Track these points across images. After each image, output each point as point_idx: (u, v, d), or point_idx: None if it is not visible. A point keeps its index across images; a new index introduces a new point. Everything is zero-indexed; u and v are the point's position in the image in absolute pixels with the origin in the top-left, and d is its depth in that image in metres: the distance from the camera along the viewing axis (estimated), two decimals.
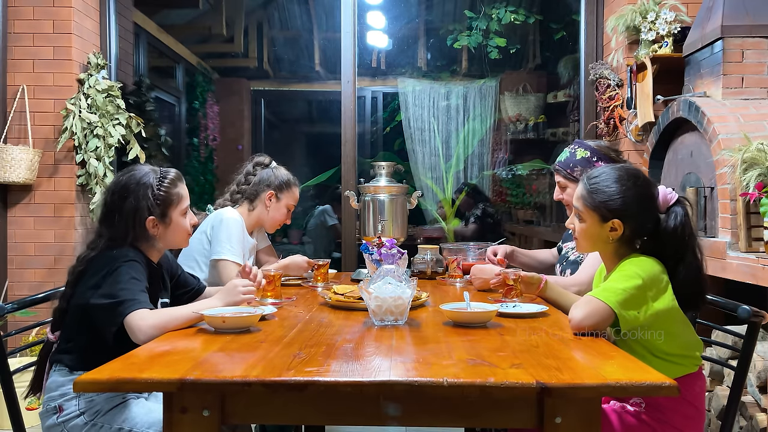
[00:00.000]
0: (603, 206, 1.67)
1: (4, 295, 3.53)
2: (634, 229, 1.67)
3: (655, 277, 1.60)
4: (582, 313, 1.56)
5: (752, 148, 2.45)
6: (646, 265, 1.61)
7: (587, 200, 1.70)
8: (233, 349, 1.42)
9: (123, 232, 1.82)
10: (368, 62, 6.32)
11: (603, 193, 1.67)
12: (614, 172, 1.70)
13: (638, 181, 1.69)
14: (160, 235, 1.88)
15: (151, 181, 1.86)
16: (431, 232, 5.79)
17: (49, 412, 1.78)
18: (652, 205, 1.67)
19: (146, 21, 5.07)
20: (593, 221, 1.69)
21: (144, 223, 1.83)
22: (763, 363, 2.31)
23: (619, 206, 1.65)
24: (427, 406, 1.26)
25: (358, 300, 1.89)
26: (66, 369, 1.80)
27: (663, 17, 3.29)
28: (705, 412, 1.72)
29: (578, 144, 2.33)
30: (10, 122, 3.53)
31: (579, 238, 1.76)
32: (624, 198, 1.65)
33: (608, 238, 1.68)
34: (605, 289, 1.60)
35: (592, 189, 1.70)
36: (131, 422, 1.75)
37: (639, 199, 1.66)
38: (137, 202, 1.83)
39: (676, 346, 1.65)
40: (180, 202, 1.91)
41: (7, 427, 1.88)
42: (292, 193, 2.65)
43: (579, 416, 1.21)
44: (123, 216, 1.83)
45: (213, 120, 6.59)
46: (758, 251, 2.47)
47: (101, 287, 1.71)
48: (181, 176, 1.95)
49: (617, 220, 1.66)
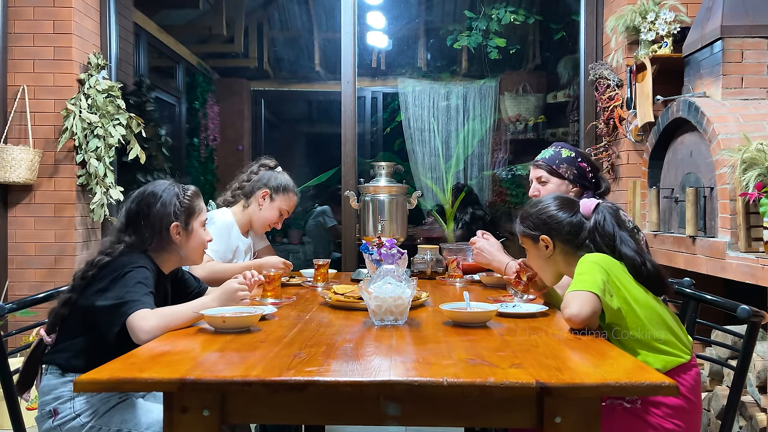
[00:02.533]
0: (528, 229, 1.85)
1: (4, 295, 3.53)
2: (562, 238, 1.80)
3: (608, 263, 1.68)
4: (576, 306, 1.57)
5: (752, 148, 2.45)
6: (595, 256, 1.71)
7: (520, 231, 1.89)
8: (233, 349, 1.42)
9: (148, 237, 1.86)
10: (368, 62, 6.32)
11: (527, 220, 1.86)
12: (531, 201, 1.94)
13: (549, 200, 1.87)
14: (181, 244, 1.91)
15: (177, 191, 1.93)
16: (431, 232, 5.79)
17: (44, 416, 1.77)
18: (566, 214, 1.81)
19: (146, 21, 5.07)
20: (530, 246, 1.87)
21: (169, 228, 1.87)
22: (763, 363, 2.31)
23: (539, 223, 1.83)
24: (427, 406, 1.26)
25: (358, 300, 1.89)
26: (58, 370, 1.78)
27: (663, 17, 3.29)
28: (701, 404, 1.72)
29: (561, 145, 2.39)
30: (10, 122, 3.53)
31: (536, 270, 1.92)
32: (540, 215, 1.83)
33: (548, 255, 1.82)
34: (578, 282, 1.63)
35: (519, 221, 1.89)
36: (131, 423, 1.75)
37: (552, 213, 1.82)
38: (164, 207, 1.88)
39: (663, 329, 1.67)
40: (200, 214, 1.97)
41: (7, 427, 1.88)
42: (287, 198, 2.65)
43: (579, 416, 1.21)
44: (150, 220, 1.87)
45: (213, 120, 6.60)
46: (758, 251, 2.47)
47: (108, 290, 1.72)
48: (200, 192, 2.02)
49: (543, 236, 1.81)
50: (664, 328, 1.67)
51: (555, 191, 2.32)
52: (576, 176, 2.31)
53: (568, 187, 2.32)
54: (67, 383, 1.77)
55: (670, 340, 1.67)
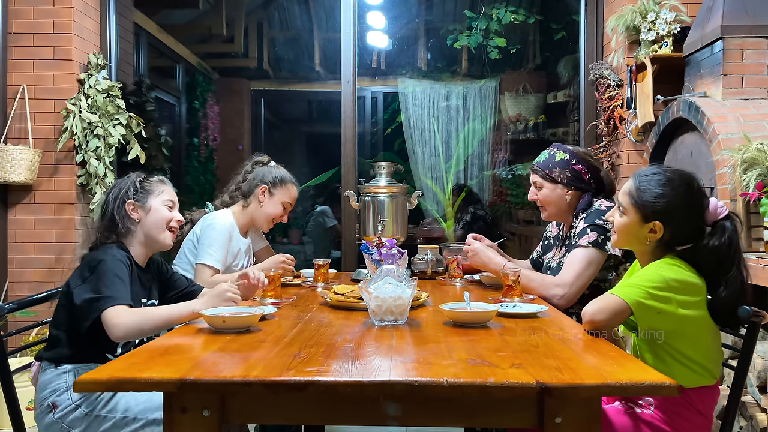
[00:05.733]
0: (648, 206, 1.63)
1: (4, 295, 3.53)
2: (673, 235, 1.63)
3: (688, 283, 1.56)
4: (595, 306, 1.56)
5: (752, 148, 2.45)
6: (676, 269, 1.58)
7: (633, 196, 1.66)
8: (233, 349, 1.42)
9: (108, 222, 1.94)
10: (368, 62, 6.33)
11: (651, 192, 1.64)
12: (667, 174, 1.66)
13: (690, 189, 1.64)
14: (141, 221, 1.96)
15: (134, 178, 2.02)
16: (431, 232, 5.79)
17: (43, 411, 1.79)
18: (698, 215, 1.63)
19: (146, 21, 5.07)
20: (634, 219, 1.66)
21: (124, 207, 1.94)
22: (763, 363, 2.31)
23: (664, 209, 1.62)
24: (427, 406, 1.26)
25: (358, 300, 1.89)
26: (51, 365, 1.82)
27: (663, 17, 3.29)
28: (712, 420, 1.70)
29: (557, 147, 2.35)
30: (10, 122, 3.53)
31: (617, 231, 1.72)
32: (671, 202, 1.62)
33: (646, 239, 1.66)
34: (626, 285, 1.58)
35: (641, 187, 1.65)
36: (135, 409, 1.76)
37: (686, 207, 1.62)
38: (119, 190, 1.98)
39: (700, 354, 1.61)
40: (161, 194, 2.02)
41: (7, 427, 1.88)
42: (287, 190, 2.64)
43: (579, 416, 1.21)
44: (110, 206, 1.96)
45: (213, 120, 6.60)
46: (758, 251, 2.47)
47: (85, 282, 1.77)
48: (166, 179, 2.08)
49: (659, 222, 1.62)
50: (706, 353, 1.62)
51: (550, 195, 2.31)
52: (570, 179, 2.28)
53: (563, 191, 2.29)
54: (61, 375, 1.79)
55: (703, 364, 1.62)
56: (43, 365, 1.83)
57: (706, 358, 1.63)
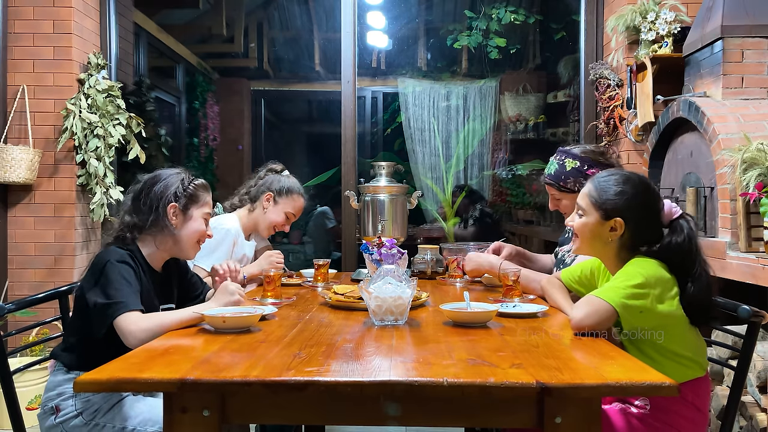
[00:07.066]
0: (608, 203, 1.68)
1: (4, 295, 3.53)
2: (634, 233, 1.68)
3: (661, 278, 1.59)
4: (582, 312, 1.57)
5: (752, 148, 2.45)
6: (650, 266, 1.62)
7: (593, 196, 1.72)
8: (233, 349, 1.42)
9: (145, 215, 1.86)
10: (368, 62, 6.33)
11: (611, 190, 1.69)
12: (624, 174, 1.73)
13: (647, 187, 1.71)
14: (177, 227, 1.89)
15: (183, 176, 1.94)
16: (431, 232, 5.79)
17: (47, 413, 1.78)
18: (654, 214, 1.68)
19: (146, 21, 5.07)
20: (595, 218, 1.71)
21: (167, 207, 1.87)
22: (763, 363, 2.31)
23: (624, 206, 1.67)
24: (427, 406, 1.26)
25: (358, 300, 1.89)
26: (64, 368, 1.81)
27: (663, 17, 3.29)
28: (708, 415, 1.71)
29: (565, 154, 2.26)
30: (10, 122, 3.53)
31: (579, 235, 1.76)
32: (630, 199, 1.67)
33: (608, 238, 1.69)
34: (608, 289, 1.60)
35: (600, 186, 1.71)
36: (134, 420, 1.75)
37: (644, 205, 1.68)
38: (165, 187, 1.89)
39: (685, 348, 1.63)
40: (203, 205, 1.96)
41: (7, 427, 1.88)
42: (292, 200, 2.67)
43: (579, 416, 1.21)
44: (150, 198, 1.87)
45: (213, 120, 6.60)
46: (758, 251, 2.47)
47: (95, 287, 1.73)
48: (209, 186, 2.01)
49: (619, 219, 1.67)
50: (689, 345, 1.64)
51: (571, 206, 2.25)
52: None
53: None
54: (70, 380, 1.78)
55: (692, 357, 1.64)
56: (57, 366, 1.83)
57: (691, 350, 1.64)
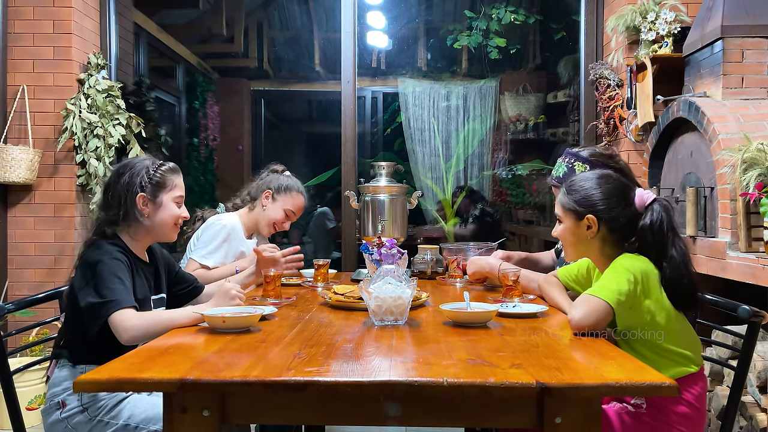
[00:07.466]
0: (577, 204, 1.75)
1: (4, 295, 3.53)
2: (610, 226, 1.72)
3: (643, 272, 1.63)
4: (581, 312, 1.57)
5: (752, 148, 2.45)
6: (634, 261, 1.66)
7: (563, 203, 1.80)
8: (233, 349, 1.42)
9: (115, 210, 1.88)
10: (368, 62, 6.32)
11: (575, 194, 1.77)
12: (588, 175, 1.82)
13: (607, 178, 1.78)
14: (149, 216, 1.91)
15: (148, 165, 1.94)
16: (431, 232, 5.79)
17: (52, 407, 1.79)
18: (623, 201, 1.73)
19: (146, 21, 5.07)
20: (570, 222, 1.77)
21: (135, 198, 1.88)
22: (763, 363, 2.31)
23: (589, 202, 1.74)
24: (427, 406, 1.26)
25: (358, 300, 1.89)
26: (69, 364, 1.81)
27: (663, 17, 3.29)
28: (706, 412, 1.72)
29: (574, 157, 2.23)
30: (10, 122, 3.53)
31: (563, 242, 1.84)
32: (593, 194, 1.74)
33: (587, 237, 1.75)
34: (601, 287, 1.61)
35: (569, 191, 1.79)
36: (137, 417, 1.76)
37: (608, 194, 1.73)
38: (131, 178, 1.90)
39: (678, 343, 1.65)
40: (173, 189, 1.97)
41: (7, 427, 1.88)
42: (290, 197, 2.70)
43: (579, 416, 1.21)
44: (116, 192, 1.89)
45: (213, 120, 6.60)
46: (758, 251, 2.47)
47: (88, 284, 1.75)
48: (178, 169, 2.02)
49: (591, 216, 1.72)
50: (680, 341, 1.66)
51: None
52: None
53: None
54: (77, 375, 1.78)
55: (684, 353, 1.66)
56: (62, 362, 1.83)
57: (682, 345, 1.65)
